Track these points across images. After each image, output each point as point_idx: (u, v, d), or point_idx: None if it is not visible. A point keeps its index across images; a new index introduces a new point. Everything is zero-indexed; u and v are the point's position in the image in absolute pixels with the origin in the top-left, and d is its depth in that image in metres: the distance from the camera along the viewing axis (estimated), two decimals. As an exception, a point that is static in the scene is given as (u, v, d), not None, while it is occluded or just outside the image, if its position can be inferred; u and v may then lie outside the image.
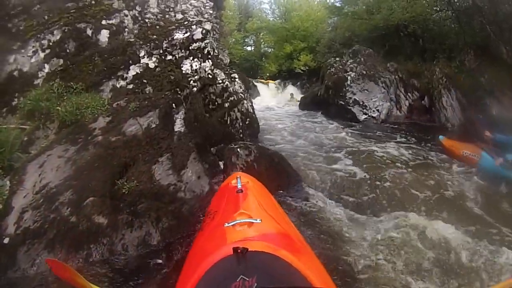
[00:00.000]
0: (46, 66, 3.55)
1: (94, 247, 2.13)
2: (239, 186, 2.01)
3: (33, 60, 3.54)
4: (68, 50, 3.67)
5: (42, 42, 3.61)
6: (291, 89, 17.36)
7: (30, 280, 1.98)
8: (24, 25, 3.64)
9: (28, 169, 2.69)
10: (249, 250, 1.17)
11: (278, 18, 22.38)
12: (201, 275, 1.16)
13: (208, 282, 1.14)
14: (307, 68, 17.82)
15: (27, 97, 3.31)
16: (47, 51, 3.60)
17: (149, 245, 2.25)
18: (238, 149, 3.33)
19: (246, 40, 25.11)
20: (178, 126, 3.13)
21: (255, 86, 16.51)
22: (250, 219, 1.53)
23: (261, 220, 1.54)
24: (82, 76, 3.61)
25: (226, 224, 1.51)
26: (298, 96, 14.12)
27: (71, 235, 2.13)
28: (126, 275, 2.00)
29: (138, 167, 2.66)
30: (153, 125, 2.96)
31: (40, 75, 3.53)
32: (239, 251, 1.15)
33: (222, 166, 3.68)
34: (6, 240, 2.13)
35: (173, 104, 3.23)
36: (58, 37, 3.66)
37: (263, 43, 23.96)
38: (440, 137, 5.54)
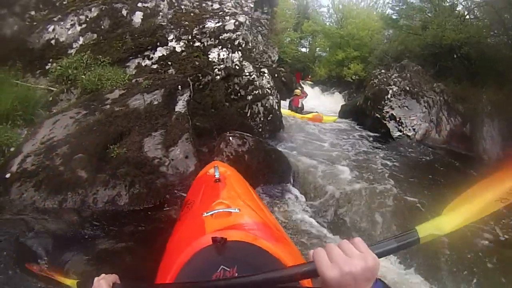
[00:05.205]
0: (81, 38, 3.98)
1: (70, 194, 2.45)
2: (217, 176, 2.01)
3: (70, 32, 3.99)
4: (102, 27, 4.07)
5: (80, 17, 4.04)
6: (338, 96, 17.21)
7: (14, 206, 2.39)
8: (68, 0, 4.11)
9: (44, 124, 3.08)
10: (228, 239, 1.17)
11: (334, 23, 22.14)
12: (181, 266, 1.16)
13: (189, 273, 1.13)
14: (357, 77, 17.46)
15: (58, 64, 3.75)
16: (84, 25, 4.02)
17: (116, 205, 2.52)
18: (230, 138, 3.45)
19: (302, 41, 25.07)
20: (180, 106, 3.35)
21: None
22: (228, 209, 1.53)
23: (239, 210, 1.54)
24: (111, 52, 3.98)
25: (205, 214, 1.50)
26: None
27: (55, 180, 2.47)
28: (88, 227, 2.29)
29: (132, 137, 2.93)
30: (156, 102, 3.22)
31: (74, 46, 3.96)
32: (218, 241, 1.14)
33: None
34: (7, 175, 2.54)
35: (179, 86, 3.46)
36: (95, 14, 4.07)
37: (317, 46, 23.79)
38: None
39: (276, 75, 13.02)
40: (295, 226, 2.94)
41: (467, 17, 10.31)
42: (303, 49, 25.54)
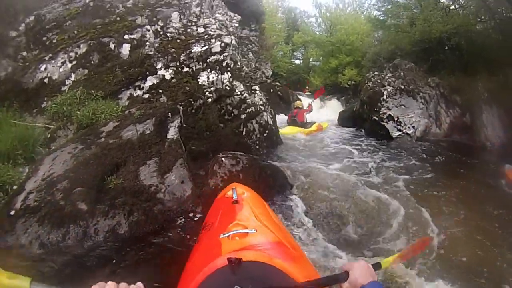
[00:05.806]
0: (72, 75, 4.13)
1: (72, 227, 2.53)
2: (235, 197, 2.08)
3: (61, 69, 4.15)
4: (92, 62, 4.22)
5: (70, 54, 4.21)
6: (334, 103, 17.25)
7: (21, 244, 2.46)
8: (57, 38, 4.32)
9: (44, 161, 3.17)
10: (243, 260, 1.19)
11: (324, 32, 22.45)
12: (196, 287, 1.19)
13: None
14: (352, 82, 17.54)
15: (53, 101, 3.89)
16: (74, 62, 4.18)
17: (117, 234, 2.60)
18: (223, 159, 3.49)
19: (294, 54, 25.37)
20: (171, 133, 3.44)
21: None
22: (245, 230, 1.57)
23: (256, 230, 1.58)
24: (102, 85, 4.11)
25: (222, 235, 1.54)
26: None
27: (57, 215, 2.56)
28: (92, 257, 2.39)
29: (127, 167, 3.02)
30: (148, 131, 3.31)
31: (66, 83, 4.10)
32: (233, 261, 1.17)
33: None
34: (12, 212, 2.63)
35: (169, 113, 3.56)
36: (84, 50, 4.24)
37: (310, 57, 24.05)
38: (507, 166, 4.81)
39: (271, 90, 13.11)
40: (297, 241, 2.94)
41: (452, 7, 10.42)
42: (297, 61, 25.88)
